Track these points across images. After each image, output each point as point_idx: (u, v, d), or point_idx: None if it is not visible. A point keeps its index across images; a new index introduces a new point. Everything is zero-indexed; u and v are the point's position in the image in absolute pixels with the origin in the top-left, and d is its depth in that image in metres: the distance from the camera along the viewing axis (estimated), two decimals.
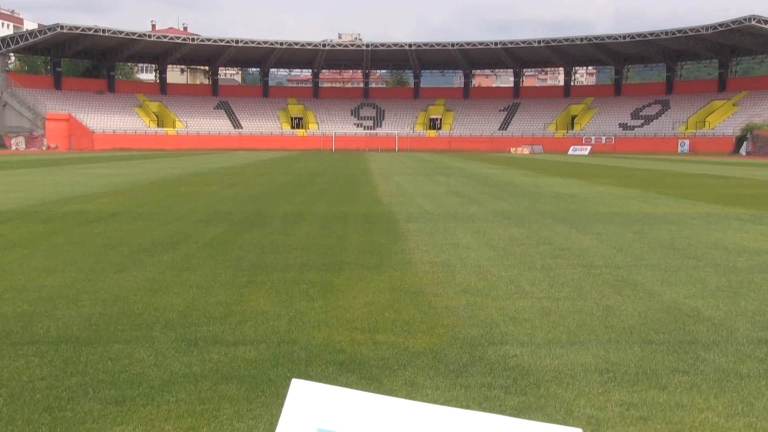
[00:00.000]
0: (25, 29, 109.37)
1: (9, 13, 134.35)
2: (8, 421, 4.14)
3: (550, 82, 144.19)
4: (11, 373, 4.94)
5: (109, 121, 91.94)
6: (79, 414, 4.24)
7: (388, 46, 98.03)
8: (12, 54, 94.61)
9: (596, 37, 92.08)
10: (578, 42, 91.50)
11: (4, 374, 4.91)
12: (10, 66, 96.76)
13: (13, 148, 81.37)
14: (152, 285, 7.82)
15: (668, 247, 10.83)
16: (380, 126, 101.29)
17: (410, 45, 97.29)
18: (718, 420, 4.27)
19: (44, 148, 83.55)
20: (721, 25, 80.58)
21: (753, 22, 76.79)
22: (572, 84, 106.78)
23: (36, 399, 4.47)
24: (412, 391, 4.65)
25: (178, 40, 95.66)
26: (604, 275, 8.58)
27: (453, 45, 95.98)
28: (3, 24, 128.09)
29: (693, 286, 7.98)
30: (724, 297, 7.49)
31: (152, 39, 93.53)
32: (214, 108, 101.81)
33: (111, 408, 4.34)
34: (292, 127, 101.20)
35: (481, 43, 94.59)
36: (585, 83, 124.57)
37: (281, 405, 0.76)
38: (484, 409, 4.39)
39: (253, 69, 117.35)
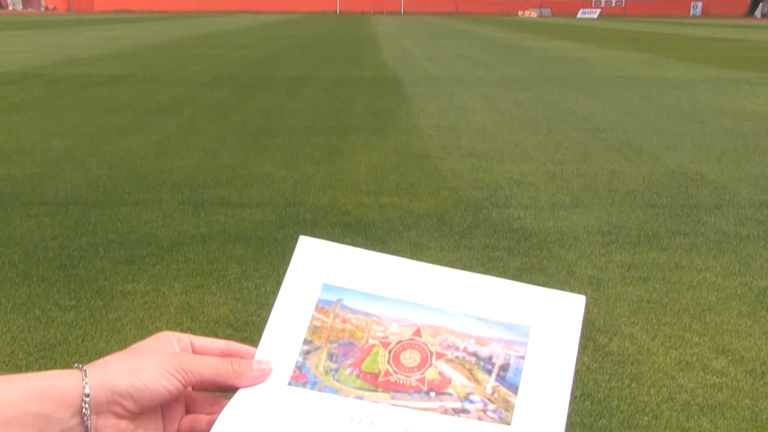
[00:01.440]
0: None
1: None
2: (25, 277, 4.26)
3: None
4: (24, 232, 5.03)
5: None
6: (91, 272, 4.35)
7: None
8: None
9: None
10: None
11: (17, 233, 5.01)
12: None
13: (10, 8, 79.70)
14: (158, 148, 7.84)
15: (675, 111, 10.75)
16: None
17: None
18: (715, 279, 4.36)
19: (42, 9, 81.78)
20: None
21: None
22: None
23: (49, 257, 4.57)
24: (416, 251, 4.74)
25: None
26: (610, 139, 8.57)
27: None
28: None
29: (698, 151, 7.98)
30: (729, 161, 7.50)
31: None
32: None
33: (121, 267, 4.44)
34: None
35: None
36: None
37: (288, 265, 0.78)
38: (487, 270, 4.49)
39: None
